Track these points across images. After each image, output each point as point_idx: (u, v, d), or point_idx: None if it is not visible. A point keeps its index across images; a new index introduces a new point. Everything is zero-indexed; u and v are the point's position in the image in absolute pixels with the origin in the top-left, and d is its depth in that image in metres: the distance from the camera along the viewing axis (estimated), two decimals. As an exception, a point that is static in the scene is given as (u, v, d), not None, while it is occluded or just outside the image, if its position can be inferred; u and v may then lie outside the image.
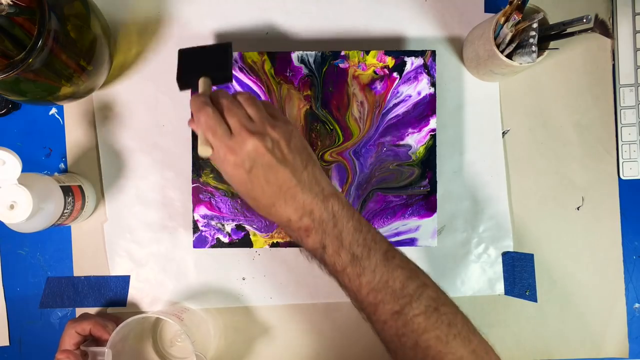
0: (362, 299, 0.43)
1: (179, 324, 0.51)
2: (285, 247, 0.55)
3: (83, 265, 0.59)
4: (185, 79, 0.47)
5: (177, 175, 0.59)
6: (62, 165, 0.59)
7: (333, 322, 0.59)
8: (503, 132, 0.60)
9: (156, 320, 0.59)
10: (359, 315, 0.59)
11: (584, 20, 0.46)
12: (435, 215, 0.55)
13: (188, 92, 0.55)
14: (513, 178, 0.59)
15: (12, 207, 0.46)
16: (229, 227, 0.55)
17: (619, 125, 0.59)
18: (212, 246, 0.55)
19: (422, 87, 0.55)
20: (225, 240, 0.55)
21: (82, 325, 0.52)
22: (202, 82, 0.45)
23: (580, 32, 0.48)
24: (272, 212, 0.43)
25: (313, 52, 0.54)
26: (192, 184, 0.55)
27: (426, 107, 0.55)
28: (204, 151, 0.41)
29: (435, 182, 0.55)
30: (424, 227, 0.55)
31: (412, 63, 0.55)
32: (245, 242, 0.55)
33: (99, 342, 0.53)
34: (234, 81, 0.55)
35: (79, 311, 0.59)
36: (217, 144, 0.41)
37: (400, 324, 0.43)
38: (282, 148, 0.42)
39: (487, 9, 0.59)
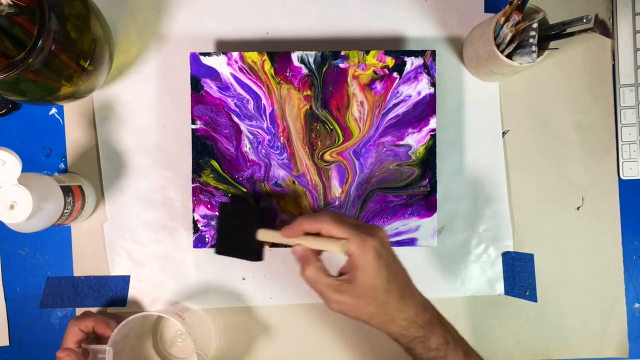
0: None
1: (180, 322, 0.51)
2: (285, 247, 0.55)
3: (83, 265, 0.59)
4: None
5: (177, 175, 0.59)
6: (62, 165, 0.59)
7: (333, 322, 0.59)
8: (503, 132, 0.60)
9: (157, 319, 0.59)
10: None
11: (584, 20, 0.46)
12: (435, 215, 0.55)
13: (187, 93, 0.55)
14: (513, 178, 0.59)
15: (12, 207, 0.46)
16: (229, 227, 0.55)
17: (619, 125, 0.59)
18: (212, 246, 0.55)
19: (422, 87, 0.55)
20: (225, 240, 0.55)
21: (85, 323, 0.52)
22: (263, 233, 0.49)
23: (580, 32, 0.48)
24: (400, 307, 0.43)
25: (313, 52, 0.54)
26: (192, 184, 0.55)
27: (426, 107, 0.55)
28: (342, 247, 0.43)
29: (435, 182, 0.55)
30: (424, 227, 0.55)
31: (412, 63, 0.55)
32: (245, 242, 0.55)
33: (102, 339, 0.53)
34: (234, 82, 0.55)
35: (79, 311, 0.59)
36: (352, 231, 0.43)
37: None
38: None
39: (487, 9, 0.59)
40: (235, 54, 0.54)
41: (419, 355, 0.45)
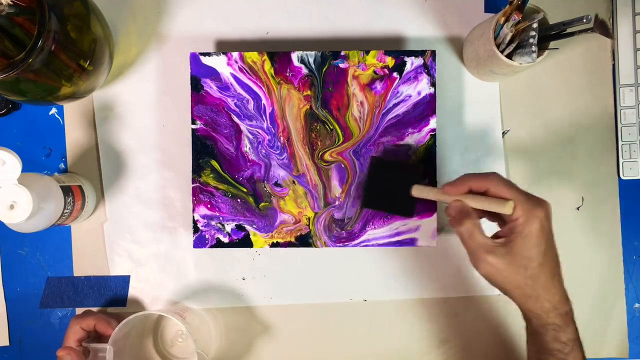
0: None
1: (181, 322, 0.51)
2: (285, 247, 0.55)
3: (83, 265, 0.59)
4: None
5: (177, 175, 0.59)
6: (62, 165, 0.59)
7: (333, 322, 0.59)
8: (503, 132, 0.59)
9: (158, 319, 0.59)
10: (358, 315, 0.59)
11: (584, 20, 0.46)
12: (435, 215, 0.55)
13: (187, 93, 0.55)
14: (513, 178, 0.59)
15: (12, 207, 0.46)
16: (229, 227, 0.55)
17: (619, 125, 0.59)
18: (212, 246, 0.55)
19: (422, 87, 0.55)
20: (225, 240, 0.55)
21: (86, 321, 0.52)
22: (419, 189, 0.49)
23: (580, 32, 0.48)
24: (548, 287, 0.43)
25: (313, 52, 0.54)
26: (192, 184, 0.55)
27: (426, 107, 0.55)
28: (509, 208, 0.42)
29: (436, 182, 0.55)
30: (424, 227, 0.55)
31: (412, 63, 0.55)
32: (245, 242, 0.55)
33: (103, 338, 0.53)
34: (234, 82, 0.55)
35: (79, 311, 0.59)
36: (521, 196, 0.42)
37: None
38: None
39: (487, 9, 0.59)
40: (235, 54, 0.54)
41: (544, 342, 0.44)
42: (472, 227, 0.43)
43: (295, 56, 0.54)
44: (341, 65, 0.55)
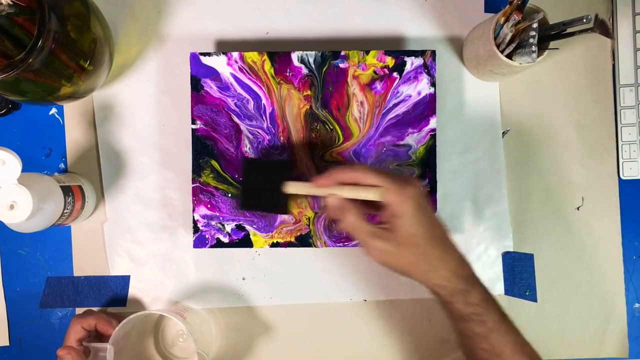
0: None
1: (182, 322, 0.51)
2: (285, 247, 0.55)
3: (83, 265, 0.59)
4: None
5: (177, 175, 0.59)
6: (62, 165, 0.59)
7: (333, 322, 0.59)
8: (503, 132, 0.59)
9: (158, 319, 0.59)
10: (358, 315, 0.59)
11: (584, 20, 0.46)
12: (435, 215, 0.55)
13: (187, 93, 0.55)
14: (513, 178, 0.59)
15: (12, 207, 0.46)
16: (229, 227, 0.55)
17: (619, 125, 0.59)
18: (212, 246, 0.55)
19: (422, 87, 0.55)
20: (225, 240, 0.55)
21: (87, 321, 0.52)
22: (291, 185, 0.49)
23: (580, 32, 0.48)
24: (442, 257, 0.44)
25: (313, 52, 0.54)
26: (192, 184, 0.55)
27: (426, 107, 0.55)
28: (380, 194, 0.43)
29: (435, 182, 0.55)
30: (424, 227, 0.55)
31: (412, 63, 0.55)
32: (245, 242, 0.55)
33: (104, 338, 0.53)
34: (234, 82, 0.55)
35: (79, 311, 0.59)
36: (389, 180, 0.43)
37: None
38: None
39: (487, 9, 0.59)
40: (235, 54, 0.54)
41: (457, 310, 0.44)
42: (355, 219, 0.44)
43: (295, 56, 0.54)
44: (341, 65, 0.55)
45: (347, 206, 0.45)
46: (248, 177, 0.53)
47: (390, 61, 0.55)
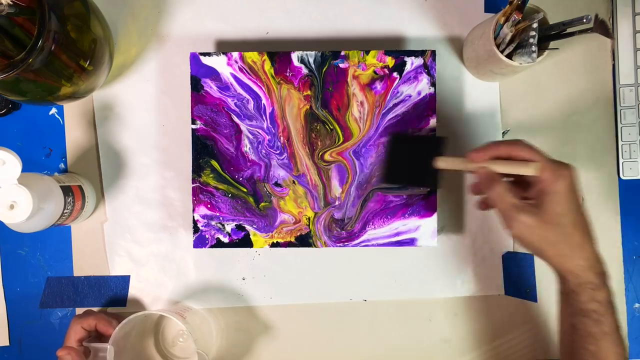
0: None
1: (182, 322, 0.51)
2: (285, 247, 0.55)
3: (83, 265, 0.59)
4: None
5: (177, 175, 0.59)
6: (62, 165, 0.59)
7: (333, 322, 0.59)
8: (503, 132, 0.60)
9: (159, 319, 0.59)
10: (358, 315, 0.59)
11: (584, 20, 0.46)
12: (435, 215, 0.55)
13: (187, 93, 0.55)
14: (513, 178, 0.59)
15: (12, 207, 0.46)
16: (229, 227, 0.55)
17: (619, 125, 0.59)
18: (212, 246, 0.55)
19: (422, 87, 0.55)
20: (225, 240, 0.55)
21: (87, 321, 0.52)
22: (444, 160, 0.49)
23: (580, 32, 0.48)
24: (583, 245, 0.43)
25: (313, 52, 0.54)
26: (192, 184, 0.55)
27: (426, 107, 0.55)
28: (535, 169, 0.43)
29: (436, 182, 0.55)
30: (424, 227, 0.55)
31: (412, 63, 0.55)
32: (245, 242, 0.55)
33: (104, 338, 0.53)
34: (234, 82, 0.55)
35: (79, 311, 0.59)
36: (546, 158, 0.43)
37: None
38: None
39: (487, 9, 0.59)
40: (235, 54, 0.54)
41: (580, 303, 0.44)
42: (502, 189, 0.44)
43: (295, 56, 0.54)
44: (341, 65, 0.55)
45: (497, 178, 0.45)
46: (395, 151, 0.52)
47: (390, 61, 0.55)
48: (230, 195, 0.55)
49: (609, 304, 0.44)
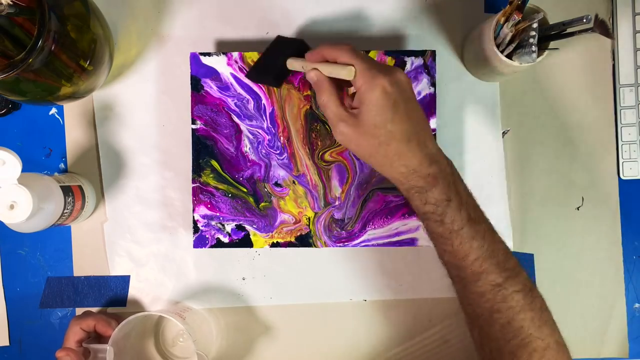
0: (467, 265, 0.43)
1: (181, 322, 0.51)
2: (285, 247, 0.55)
3: (83, 265, 0.59)
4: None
5: (177, 175, 0.59)
6: (62, 165, 0.59)
7: (333, 322, 0.59)
8: (503, 132, 0.59)
9: (158, 319, 0.59)
10: (358, 315, 0.59)
11: (584, 20, 0.46)
12: (435, 215, 0.55)
13: (187, 93, 0.55)
14: (513, 178, 0.59)
15: (12, 207, 0.46)
16: (229, 227, 0.55)
17: (619, 125, 0.59)
18: (212, 246, 0.55)
19: (422, 87, 0.55)
20: (225, 240, 0.55)
21: (86, 322, 0.52)
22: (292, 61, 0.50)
23: (580, 32, 0.48)
24: (402, 153, 0.42)
25: (313, 52, 0.54)
26: (192, 184, 0.55)
27: (426, 107, 0.55)
28: (349, 72, 0.42)
29: (435, 182, 0.55)
30: (424, 227, 0.55)
31: (412, 63, 0.55)
32: (245, 242, 0.55)
33: (103, 338, 0.53)
34: (234, 82, 0.55)
35: (79, 311, 0.59)
36: (364, 64, 0.42)
37: (499, 298, 0.43)
38: (412, 90, 0.44)
39: (487, 9, 0.59)
40: (235, 54, 0.54)
41: (416, 207, 0.45)
42: (328, 97, 0.44)
43: (295, 56, 0.54)
44: (341, 65, 0.55)
45: (323, 84, 0.45)
46: (270, 51, 0.53)
47: (390, 61, 0.55)
48: (230, 195, 0.55)
49: (447, 202, 0.43)
